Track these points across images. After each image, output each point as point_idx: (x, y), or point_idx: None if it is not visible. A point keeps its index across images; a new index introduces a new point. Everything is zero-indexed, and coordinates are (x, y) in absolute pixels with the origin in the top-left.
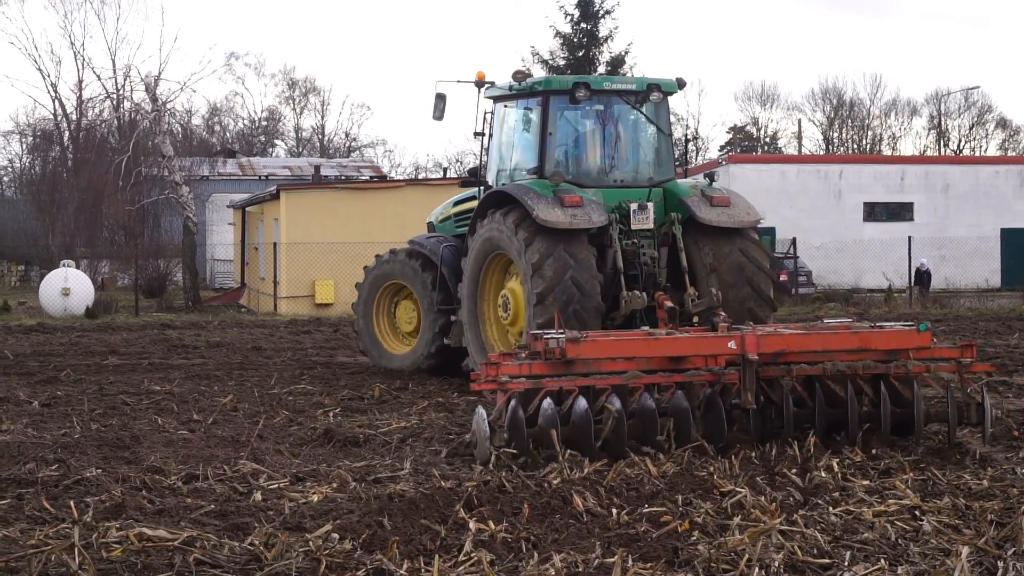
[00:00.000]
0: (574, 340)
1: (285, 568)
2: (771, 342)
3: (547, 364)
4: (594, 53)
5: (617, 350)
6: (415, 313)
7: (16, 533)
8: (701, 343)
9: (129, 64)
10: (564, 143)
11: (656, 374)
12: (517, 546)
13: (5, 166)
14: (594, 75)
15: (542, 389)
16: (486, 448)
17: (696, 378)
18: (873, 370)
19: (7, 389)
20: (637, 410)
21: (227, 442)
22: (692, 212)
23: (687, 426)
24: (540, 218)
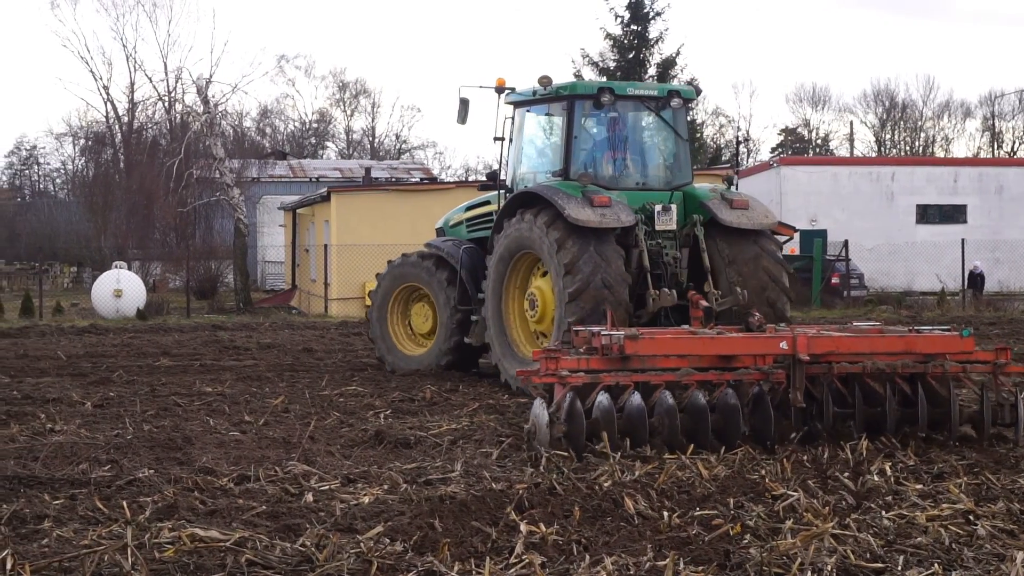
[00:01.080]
0: (632, 337)
1: (336, 570)
2: (821, 343)
3: (604, 359)
4: (644, 55)
5: (673, 348)
6: (430, 314)
7: (70, 533)
8: (753, 343)
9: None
10: (588, 147)
11: (708, 372)
12: (568, 549)
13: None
14: (618, 81)
15: (599, 383)
16: (546, 437)
17: (746, 376)
18: (911, 369)
19: (60, 390)
20: (688, 406)
21: (278, 443)
22: (714, 214)
23: (736, 422)
24: (572, 217)
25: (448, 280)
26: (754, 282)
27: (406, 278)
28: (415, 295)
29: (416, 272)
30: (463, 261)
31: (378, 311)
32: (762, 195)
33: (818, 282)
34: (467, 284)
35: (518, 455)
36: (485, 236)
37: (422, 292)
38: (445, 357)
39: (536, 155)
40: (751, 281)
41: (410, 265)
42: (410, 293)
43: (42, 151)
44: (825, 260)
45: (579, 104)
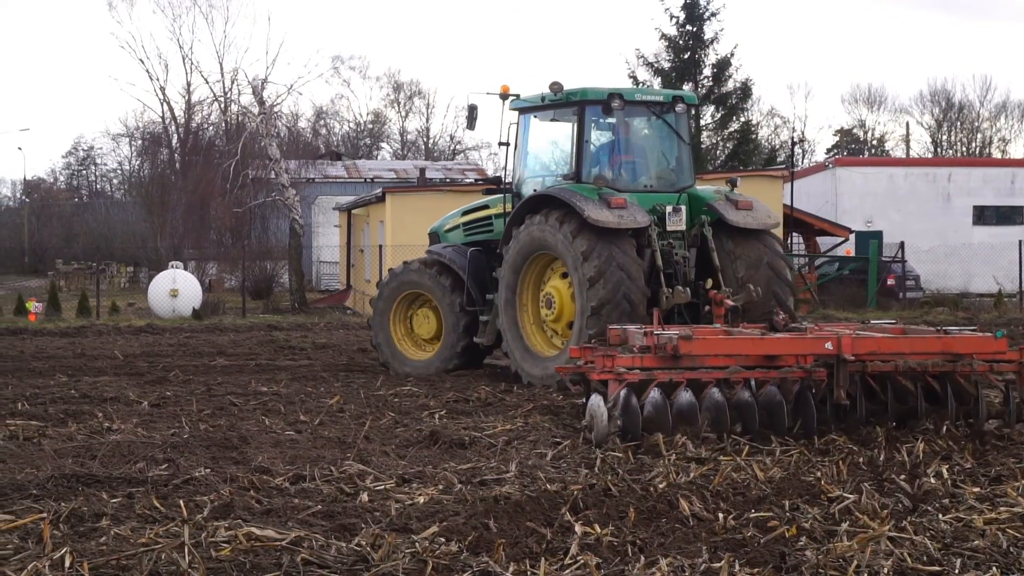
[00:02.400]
0: (686, 338)
1: (392, 569)
2: (864, 344)
3: (657, 358)
4: (699, 56)
5: (725, 348)
6: (434, 320)
7: (127, 531)
8: (800, 343)
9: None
10: (599, 151)
11: (754, 370)
12: (623, 550)
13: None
14: (626, 87)
15: (653, 380)
16: (604, 430)
17: (790, 374)
18: (940, 368)
19: (117, 389)
20: (736, 402)
21: (334, 443)
22: (721, 215)
23: (781, 417)
24: (591, 218)
25: (452, 285)
26: (761, 279)
27: (409, 285)
28: (416, 301)
29: (419, 279)
30: (468, 265)
31: (380, 318)
32: (817, 196)
33: (874, 284)
34: (471, 288)
35: (573, 456)
36: (483, 239)
37: (424, 298)
38: (454, 360)
39: (543, 159)
40: (758, 279)
41: (413, 272)
42: (411, 300)
43: (99, 152)
44: (881, 262)
45: (590, 109)
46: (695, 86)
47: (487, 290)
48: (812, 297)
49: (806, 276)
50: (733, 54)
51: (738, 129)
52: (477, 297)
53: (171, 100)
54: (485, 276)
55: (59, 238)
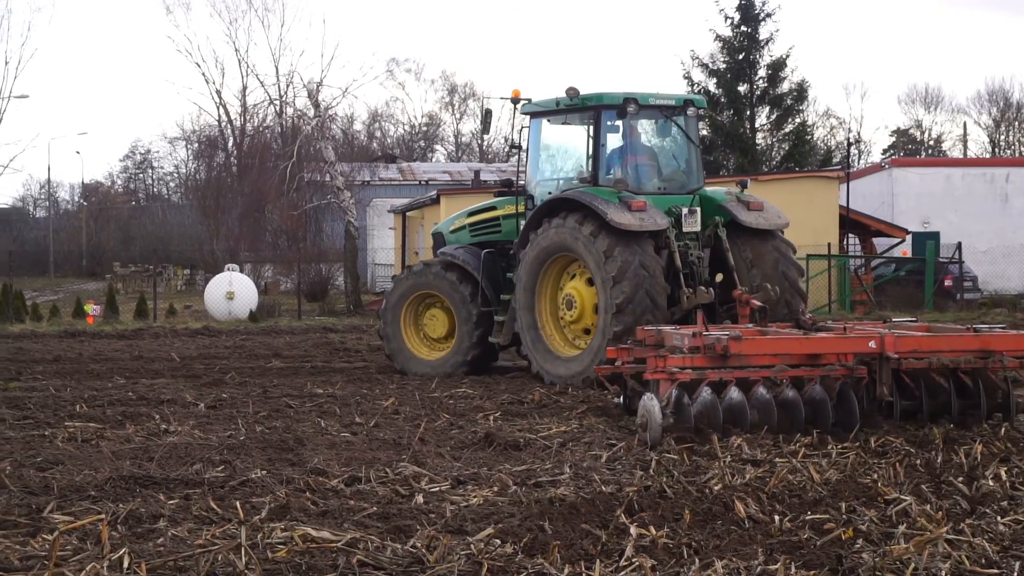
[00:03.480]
0: (736, 338)
1: (447, 571)
2: (906, 342)
3: (707, 357)
4: (754, 57)
5: (773, 348)
6: (445, 320)
7: (184, 533)
8: (844, 342)
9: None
10: (614, 154)
11: (799, 368)
12: (679, 552)
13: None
14: (640, 91)
15: (704, 379)
16: (658, 428)
17: (832, 372)
18: (972, 365)
19: (174, 391)
20: (782, 399)
21: (389, 445)
22: (734, 216)
23: (825, 414)
24: (614, 221)
25: (466, 286)
26: (774, 279)
27: (420, 287)
28: (426, 302)
29: (432, 280)
30: (482, 267)
31: (392, 319)
32: (873, 197)
33: (931, 285)
34: (486, 289)
35: (628, 458)
36: (489, 240)
37: (434, 299)
38: (468, 360)
39: (557, 163)
40: (768, 276)
41: (425, 274)
42: (421, 301)
43: (156, 155)
44: (938, 262)
45: (605, 113)
46: (750, 87)
47: (501, 290)
48: (868, 298)
49: (862, 277)
50: (788, 55)
51: (793, 130)
52: (492, 297)
53: (227, 103)
54: (498, 277)
55: (116, 241)
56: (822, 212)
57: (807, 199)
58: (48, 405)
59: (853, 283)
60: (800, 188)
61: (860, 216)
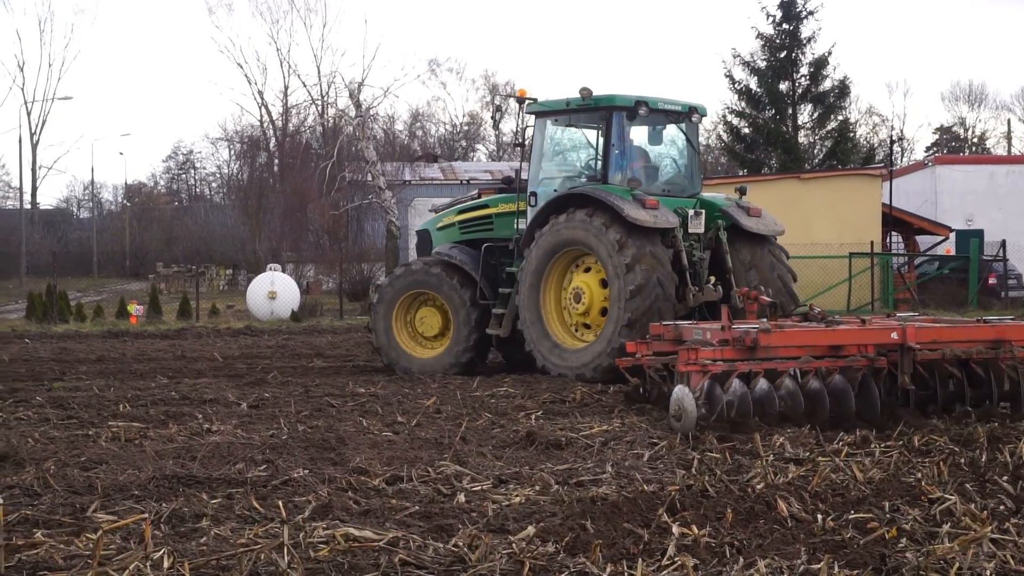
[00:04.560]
0: (765, 331)
1: (488, 570)
2: (926, 333)
3: (736, 350)
4: (796, 54)
5: (801, 339)
6: (438, 318)
7: (227, 532)
8: (869, 333)
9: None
10: (623, 155)
11: (823, 359)
12: (721, 551)
13: (214, 172)
14: (650, 96)
15: (735, 370)
16: (692, 420)
17: (855, 363)
18: (984, 355)
19: (216, 391)
20: (808, 390)
21: (430, 444)
22: (735, 220)
23: (848, 404)
24: (631, 217)
25: (463, 284)
26: (767, 280)
27: (414, 285)
28: (417, 301)
29: (427, 279)
30: (480, 263)
31: (384, 319)
32: (916, 195)
33: (975, 283)
34: (483, 285)
35: (670, 457)
36: (481, 238)
37: (424, 297)
38: (466, 355)
39: (564, 162)
40: (764, 279)
41: (419, 273)
42: (413, 300)
43: (198, 155)
44: (982, 260)
45: (617, 115)
46: (792, 85)
47: (498, 285)
48: (912, 296)
49: (905, 276)
50: (831, 52)
51: (836, 128)
52: (489, 292)
53: (269, 104)
54: (494, 272)
55: (159, 241)
56: (865, 210)
57: (850, 197)
58: (92, 405)
59: (896, 281)
60: (843, 186)
61: (903, 214)
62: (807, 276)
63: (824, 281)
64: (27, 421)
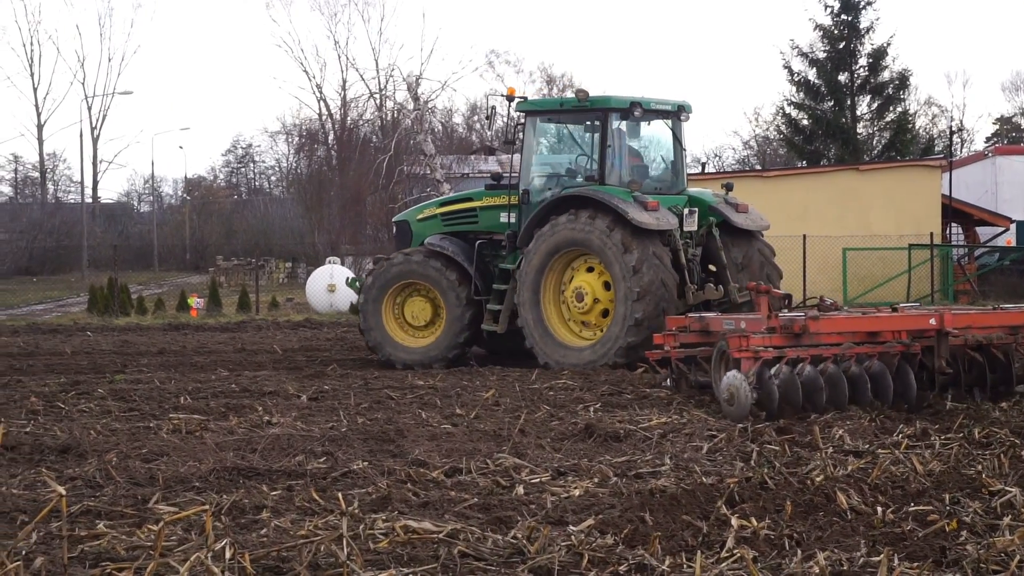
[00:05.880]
0: (814, 318)
1: (547, 562)
2: (961, 319)
3: (783, 337)
4: (854, 45)
5: (848, 326)
6: (427, 308)
7: (287, 523)
8: (909, 320)
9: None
10: (618, 155)
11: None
12: (780, 543)
13: (272, 166)
14: (643, 96)
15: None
16: (745, 404)
17: (892, 349)
18: (1003, 340)
19: (276, 383)
20: (849, 374)
21: (489, 436)
22: (727, 217)
23: (887, 387)
24: (636, 220)
25: (457, 276)
26: (756, 275)
27: (405, 276)
28: (407, 291)
29: (419, 269)
30: (475, 257)
31: (374, 308)
32: (976, 186)
33: None
34: (478, 279)
35: (729, 449)
36: (465, 230)
37: (413, 287)
38: (457, 347)
39: (555, 161)
40: (754, 274)
41: (411, 263)
42: (401, 289)
43: (257, 149)
44: None
45: (612, 116)
46: (851, 76)
47: (489, 279)
48: (971, 288)
49: (965, 267)
50: (889, 43)
51: (895, 119)
52: (482, 287)
53: (327, 97)
54: (484, 266)
55: (219, 235)
56: (924, 201)
57: (909, 189)
58: (153, 397)
59: (956, 273)
60: (902, 177)
61: (963, 205)
62: (865, 268)
63: (883, 273)
64: (89, 413)
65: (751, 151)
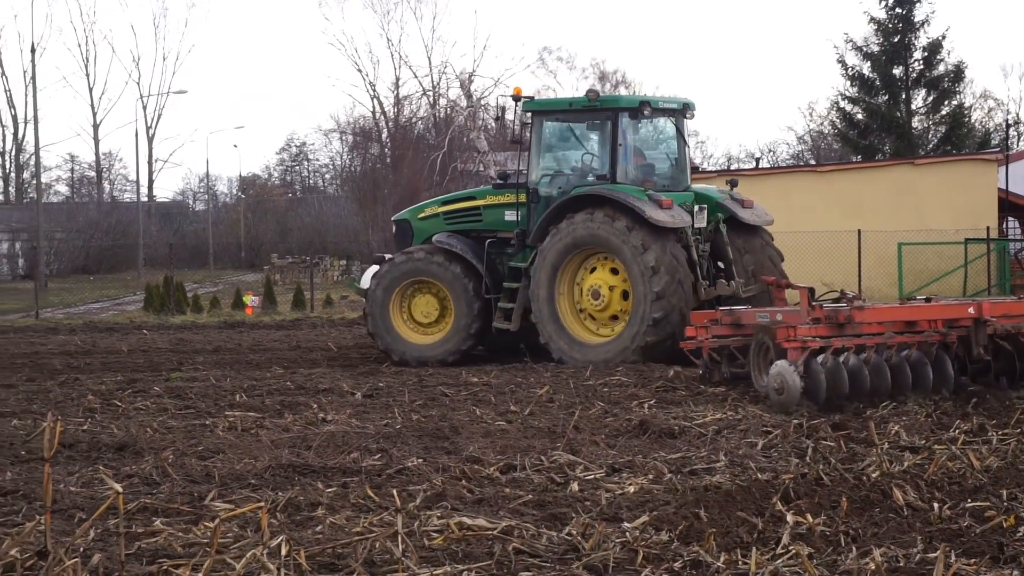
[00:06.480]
0: (860, 308)
1: (602, 559)
2: (998, 308)
3: (827, 327)
4: (909, 39)
5: (892, 315)
6: (435, 305)
7: (342, 520)
8: (950, 309)
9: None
10: (628, 153)
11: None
12: (836, 539)
13: (326, 164)
14: (651, 95)
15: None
16: (795, 393)
17: (931, 338)
18: None
19: (331, 380)
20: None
21: (543, 433)
22: (734, 213)
23: (926, 375)
24: (653, 218)
25: (466, 274)
26: (763, 269)
27: (414, 273)
28: (414, 288)
29: (428, 267)
30: (485, 256)
31: (381, 306)
32: None
33: None
34: (487, 277)
35: (784, 445)
36: (468, 228)
37: (420, 284)
38: (466, 344)
39: (565, 160)
40: (761, 268)
41: (420, 261)
42: (408, 287)
43: (311, 148)
44: None
45: (623, 116)
46: (905, 70)
47: (499, 278)
48: None
49: (1022, 261)
50: (944, 36)
51: (950, 112)
52: (491, 285)
53: (381, 95)
54: (494, 264)
55: (274, 233)
56: (980, 195)
57: (965, 182)
58: (209, 395)
59: (1013, 267)
60: (958, 171)
61: (1020, 199)
62: (921, 262)
63: (939, 267)
64: (146, 411)
65: (805, 146)
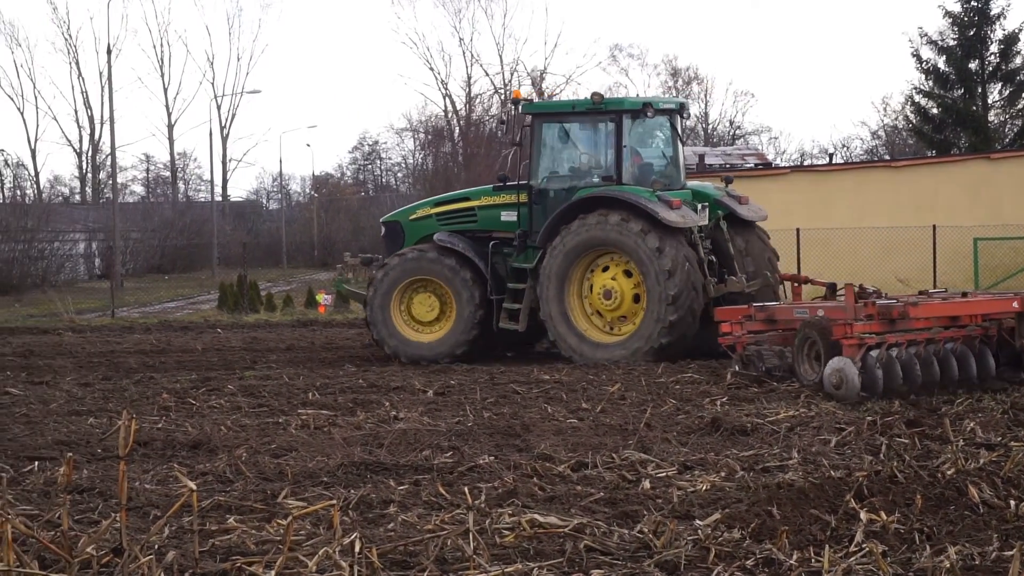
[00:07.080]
0: (914, 304)
1: (674, 556)
2: None
3: (880, 323)
4: (985, 32)
5: (945, 311)
6: (435, 304)
7: (414, 518)
8: (996, 303)
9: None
10: (632, 154)
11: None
12: (910, 537)
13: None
14: (654, 96)
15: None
16: (854, 387)
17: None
18: None
19: (403, 378)
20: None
21: (615, 430)
22: (732, 210)
23: (970, 368)
24: (666, 219)
25: (470, 274)
26: (762, 264)
27: (415, 272)
28: (414, 286)
29: (430, 267)
30: (489, 256)
31: (382, 304)
32: None
33: None
34: (492, 278)
35: (857, 442)
36: (463, 229)
37: (420, 283)
38: (468, 343)
39: (567, 161)
40: (760, 263)
41: (421, 260)
42: (408, 286)
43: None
44: None
45: (627, 118)
46: (981, 64)
47: (503, 279)
48: None
49: None
50: (1021, 29)
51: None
52: (494, 286)
53: (452, 94)
54: (494, 265)
55: (346, 231)
56: None
57: None
58: (282, 393)
59: None
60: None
61: None
62: (997, 257)
63: (1015, 263)
64: (219, 409)
65: (879, 141)
